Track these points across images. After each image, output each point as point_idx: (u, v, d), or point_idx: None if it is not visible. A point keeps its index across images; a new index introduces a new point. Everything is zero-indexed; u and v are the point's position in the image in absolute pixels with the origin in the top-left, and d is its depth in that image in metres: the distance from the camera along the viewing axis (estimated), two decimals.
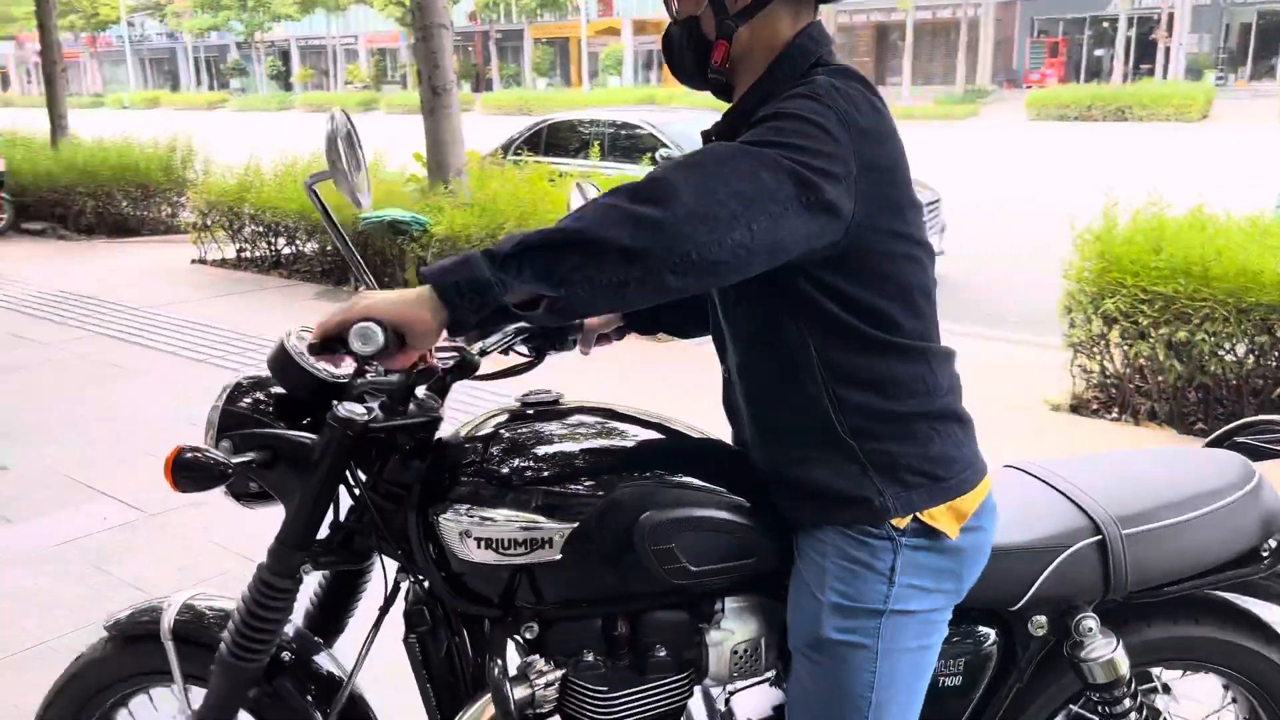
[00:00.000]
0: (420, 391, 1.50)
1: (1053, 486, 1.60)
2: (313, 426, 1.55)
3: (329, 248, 8.04)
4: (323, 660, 1.66)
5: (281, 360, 1.48)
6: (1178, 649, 1.62)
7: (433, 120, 7.48)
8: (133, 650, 1.67)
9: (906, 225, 1.35)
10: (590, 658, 1.46)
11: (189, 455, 1.36)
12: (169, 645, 1.60)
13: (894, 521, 1.38)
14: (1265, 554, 1.58)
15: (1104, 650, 1.53)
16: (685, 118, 9.52)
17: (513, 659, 1.50)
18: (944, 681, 1.52)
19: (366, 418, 1.44)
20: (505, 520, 1.42)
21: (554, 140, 9.63)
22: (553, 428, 1.56)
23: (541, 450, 1.51)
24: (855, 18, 40.71)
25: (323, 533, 1.55)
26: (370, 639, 1.58)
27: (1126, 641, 1.56)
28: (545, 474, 1.47)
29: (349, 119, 1.49)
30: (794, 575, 1.45)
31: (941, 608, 1.43)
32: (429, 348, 1.26)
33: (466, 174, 7.65)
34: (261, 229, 8.57)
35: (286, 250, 8.52)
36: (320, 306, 7.24)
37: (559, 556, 1.42)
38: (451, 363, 1.55)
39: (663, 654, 1.47)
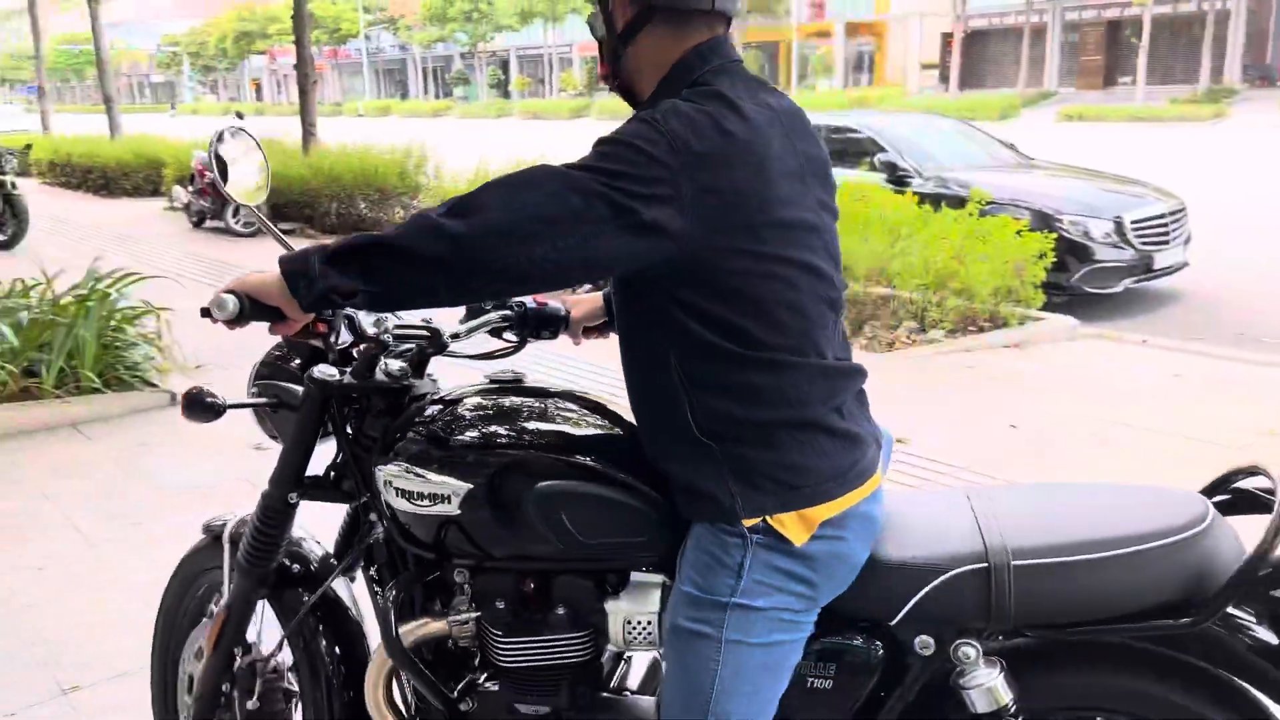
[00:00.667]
0: (394, 364, 1.72)
1: (973, 511, 1.55)
2: None
3: None
4: (332, 579, 1.93)
5: None
6: (1096, 695, 1.52)
7: None
8: (214, 548, 2.02)
9: (763, 244, 1.39)
10: (501, 606, 1.64)
11: (195, 394, 1.72)
12: (225, 547, 1.95)
13: (745, 521, 1.44)
14: (1195, 608, 1.40)
15: (982, 679, 1.47)
16: (908, 122, 9.25)
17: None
18: (813, 682, 1.54)
19: (336, 379, 1.72)
20: (416, 475, 1.62)
21: None
22: (502, 402, 1.73)
23: (478, 420, 1.69)
24: (1085, 14, 38.44)
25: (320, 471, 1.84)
26: (347, 563, 1.87)
27: (1037, 682, 1.50)
28: (465, 439, 1.64)
29: (245, 132, 1.79)
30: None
31: (794, 609, 1.46)
32: (301, 320, 1.51)
33: None
34: None
35: None
36: None
37: (458, 512, 1.59)
38: (425, 341, 1.81)
39: (561, 613, 1.62)
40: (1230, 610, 1.39)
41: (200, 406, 1.71)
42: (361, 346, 1.79)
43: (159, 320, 5.71)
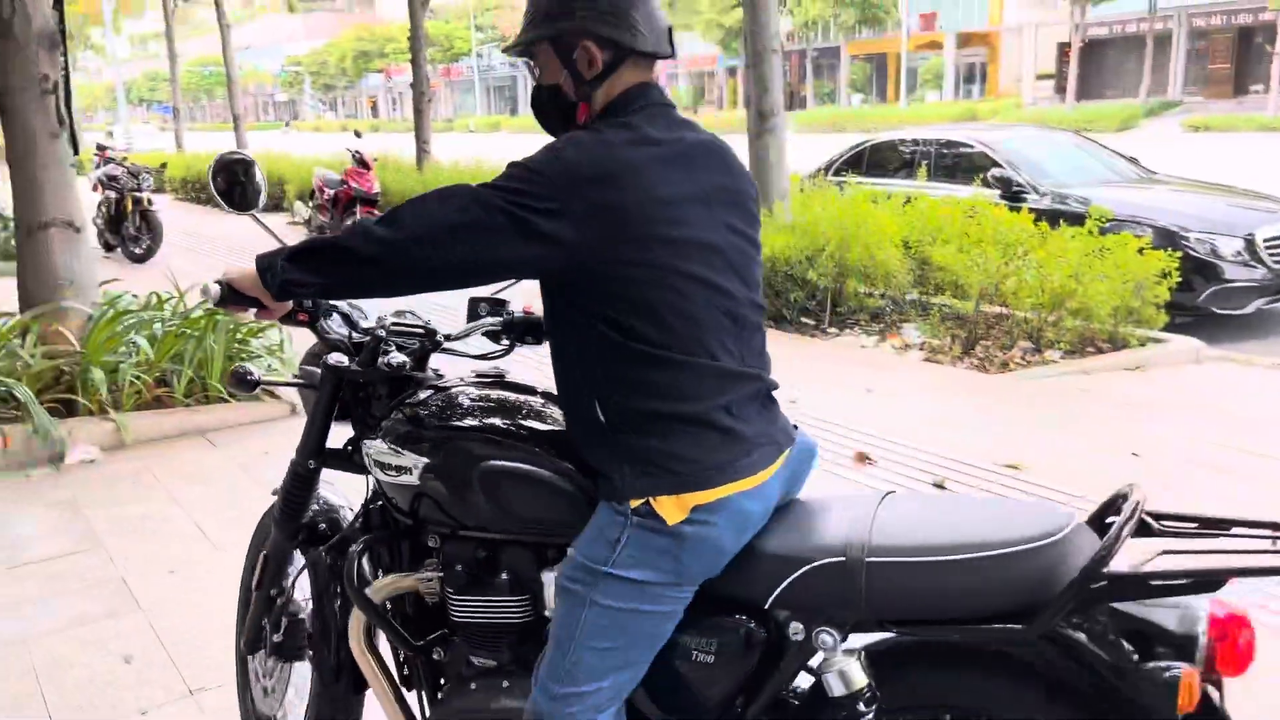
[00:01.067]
0: (397, 357, 1.98)
1: (860, 512, 1.64)
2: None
3: None
4: (338, 537, 2.17)
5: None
6: (954, 694, 1.62)
7: (759, 144, 7.62)
8: None
9: (651, 255, 1.59)
10: (459, 569, 1.86)
11: (239, 372, 2.06)
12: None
13: (631, 501, 1.62)
14: (1031, 616, 1.46)
15: (837, 663, 1.60)
16: (1023, 135, 9.00)
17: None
18: (697, 655, 1.68)
19: (345, 366, 1.99)
20: (392, 449, 1.88)
21: (876, 160, 9.47)
22: (478, 394, 1.98)
23: (452, 406, 1.92)
24: (1213, 20, 36.80)
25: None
26: (352, 526, 2.12)
27: (901, 677, 1.62)
28: (434, 422, 1.88)
29: (243, 153, 2.10)
30: None
31: (658, 583, 1.62)
32: (276, 308, 1.84)
33: (789, 197, 7.72)
34: None
35: None
36: None
37: (418, 482, 1.85)
38: (422, 338, 2.07)
39: (504, 578, 1.85)
40: (1097, 621, 1.45)
41: (241, 381, 2.07)
42: (365, 340, 2.06)
43: (281, 333, 5.94)
